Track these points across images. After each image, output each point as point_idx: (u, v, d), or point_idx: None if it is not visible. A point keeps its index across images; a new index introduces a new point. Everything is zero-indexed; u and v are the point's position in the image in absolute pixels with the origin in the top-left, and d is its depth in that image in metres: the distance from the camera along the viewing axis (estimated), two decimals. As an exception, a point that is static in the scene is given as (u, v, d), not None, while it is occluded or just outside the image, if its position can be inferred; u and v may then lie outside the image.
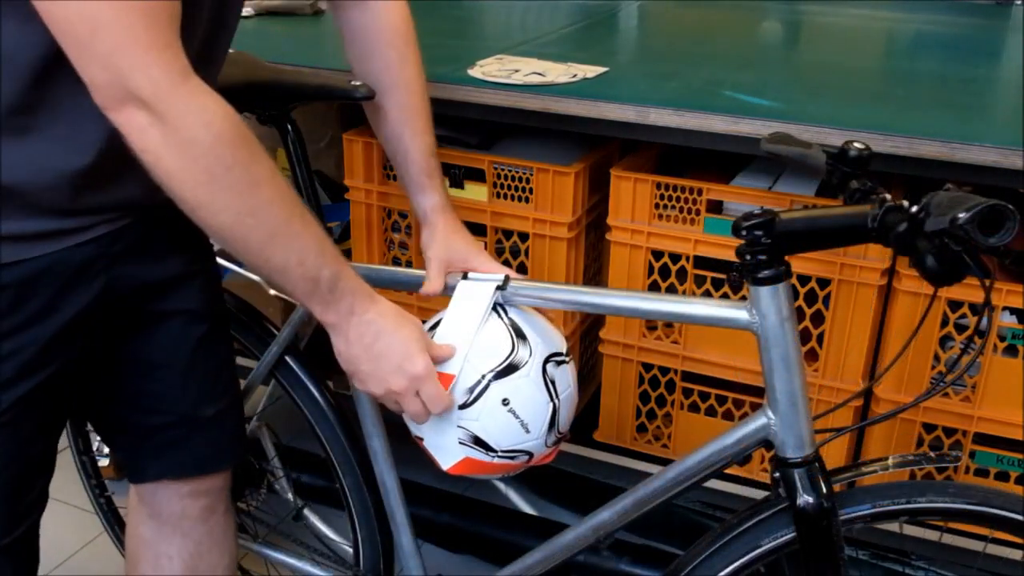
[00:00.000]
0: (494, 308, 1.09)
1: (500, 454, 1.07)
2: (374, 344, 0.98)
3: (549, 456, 1.13)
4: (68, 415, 1.14)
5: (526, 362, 1.06)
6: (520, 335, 1.07)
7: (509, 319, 1.09)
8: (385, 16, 1.16)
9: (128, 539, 1.31)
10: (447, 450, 1.08)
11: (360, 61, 1.17)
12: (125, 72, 0.77)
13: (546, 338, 1.10)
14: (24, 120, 0.85)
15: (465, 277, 1.13)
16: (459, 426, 1.05)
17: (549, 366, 1.08)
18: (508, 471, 1.10)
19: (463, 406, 1.04)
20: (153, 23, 0.77)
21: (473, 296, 1.09)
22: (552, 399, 1.07)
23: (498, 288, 1.09)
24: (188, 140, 0.80)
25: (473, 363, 1.04)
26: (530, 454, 1.09)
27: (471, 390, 1.04)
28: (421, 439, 1.11)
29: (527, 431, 1.06)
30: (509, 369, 1.05)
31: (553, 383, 1.07)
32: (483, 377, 1.04)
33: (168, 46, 0.79)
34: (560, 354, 1.10)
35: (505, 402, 1.04)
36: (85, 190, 0.91)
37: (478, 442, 1.06)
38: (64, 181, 0.87)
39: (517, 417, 1.05)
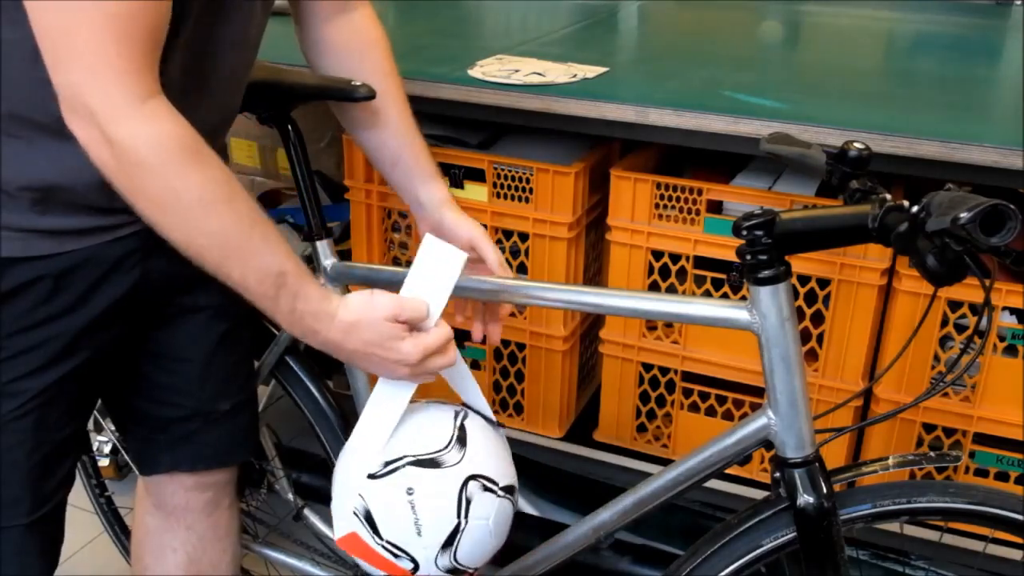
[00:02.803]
0: (455, 413, 1.07)
1: (384, 543, 1.02)
2: (356, 351, 0.97)
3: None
4: (96, 401, 1.16)
5: (452, 465, 1.01)
6: (461, 441, 1.04)
7: (460, 423, 1.06)
8: (368, 26, 1.18)
9: (134, 529, 1.32)
10: (341, 517, 1.04)
11: (347, 71, 1.18)
12: (85, 89, 0.79)
13: (491, 462, 1.05)
14: None
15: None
16: (359, 495, 1.01)
17: (473, 484, 1.02)
18: (389, 571, 1.04)
19: (372, 476, 1.01)
20: (126, 45, 0.78)
21: (442, 258, 1.02)
22: (459, 517, 1.01)
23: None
24: (135, 164, 0.81)
25: (401, 439, 1.02)
26: (415, 563, 1.02)
27: (387, 463, 1.00)
28: (329, 499, 1.08)
29: (419, 534, 1.01)
30: (431, 463, 1.01)
31: (468, 503, 1.01)
32: (403, 457, 1.01)
33: (135, 70, 0.80)
34: (495, 484, 1.04)
35: (409, 491, 1.00)
36: None
37: (368, 519, 1.01)
38: (103, 181, 0.88)
39: (414, 512, 1.00)
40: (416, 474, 1.00)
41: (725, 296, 1.44)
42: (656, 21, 2.19)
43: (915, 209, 0.83)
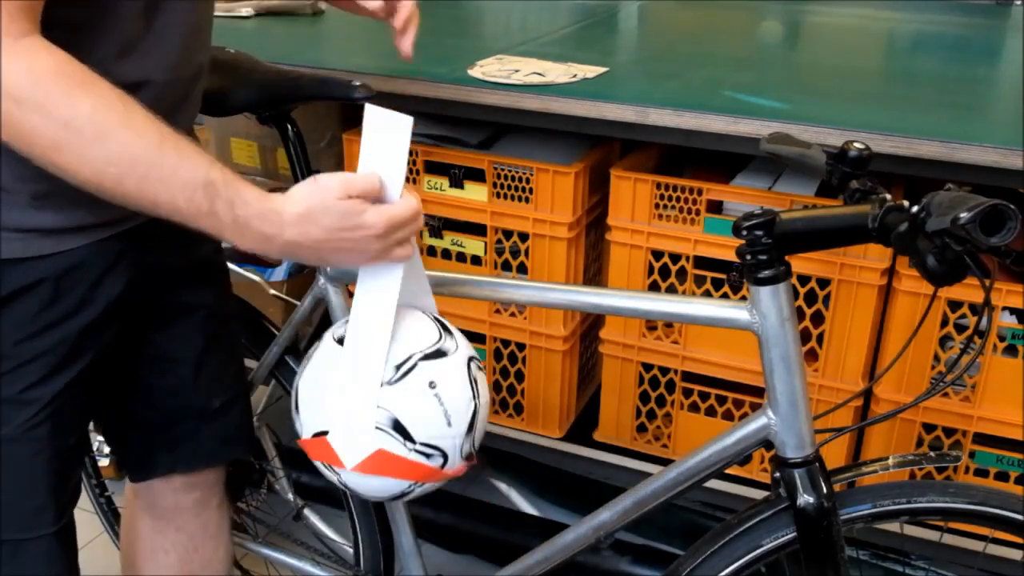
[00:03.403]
0: (421, 311, 1.06)
1: (418, 446, 0.99)
2: (321, 241, 0.90)
3: (459, 470, 1.04)
4: (99, 405, 1.15)
5: (454, 351, 1.02)
6: (446, 329, 1.05)
7: (433, 316, 1.07)
8: None
9: (124, 534, 1.33)
10: (358, 441, 0.99)
11: None
12: None
13: (466, 342, 1.06)
14: None
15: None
16: (380, 407, 0.97)
17: (473, 365, 1.04)
18: (416, 477, 1.02)
19: (389, 383, 0.97)
20: None
21: (388, 128, 0.95)
22: (475, 398, 1.02)
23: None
24: (17, 102, 0.76)
25: (400, 341, 0.99)
26: (445, 456, 1.01)
27: (398, 367, 0.97)
28: (324, 434, 1.01)
29: (449, 424, 1.00)
30: (438, 354, 1.00)
31: (476, 383, 1.03)
32: (411, 356, 0.98)
33: (7, 11, 0.75)
34: (478, 360, 1.06)
35: (432, 385, 0.98)
36: None
37: (398, 428, 0.98)
38: None
39: (442, 405, 0.99)
40: (431, 367, 0.99)
41: (725, 296, 1.44)
42: (656, 21, 2.19)
43: (915, 209, 0.83)
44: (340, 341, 1.02)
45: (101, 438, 2.00)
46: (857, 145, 0.96)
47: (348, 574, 1.51)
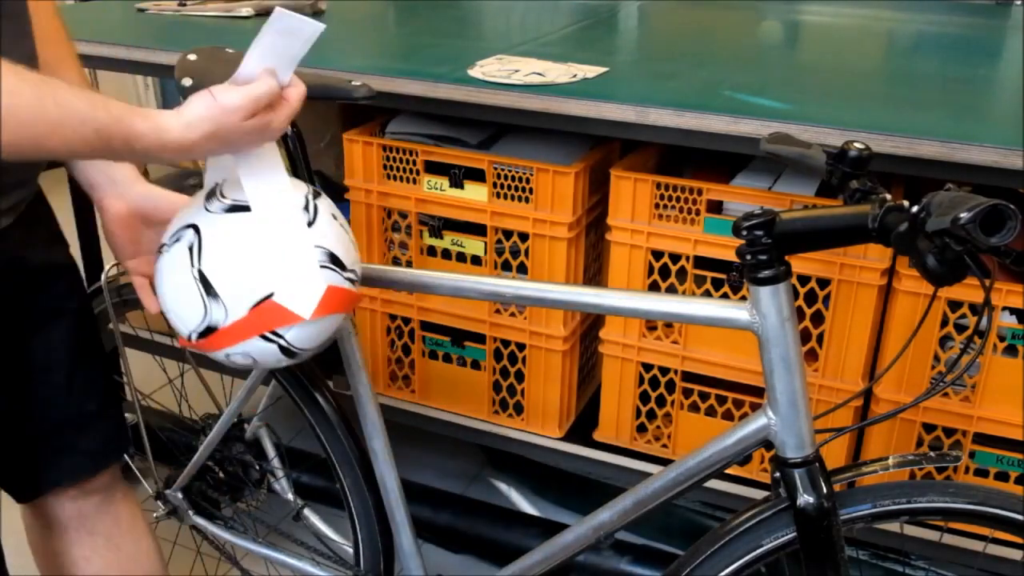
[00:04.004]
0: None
1: (347, 273, 1.03)
2: (221, 150, 0.92)
3: (359, 296, 1.09)
4: None
5: (320, 194, 1.06)
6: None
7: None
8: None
9: (38, 559, 1.28)
10: (308, 285, 0.99)
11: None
12: None
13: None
14: None
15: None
16: (316, 246, 1.00)
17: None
18: (351, 307, 1.07)
19: (310, 224, 1.00)
20: None
21: (295, 31, 0.92)
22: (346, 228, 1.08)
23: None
24: None
25: (293, 189, 1.01)
26: (357, 280, 1.06)
27: (307, 208, 1.00)
28: (267, 298, 0.98)
29: (354, 246, 1.06)
30: (316, 194, 1.05)
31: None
32: (307, 197, 1.02)
33: None
34: None
35: (334, 216, 1.04)
36: None
37: (334, 260, 1.01)
38: None
39: (347, 231, 1.05)
40: (322, 202, 1.04)
41: (725, 296, 1.44)
42: (656, 21, 2.19)
43: (915, 209, 0.83)
44: (235, 209, 0.99)
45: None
46: (857, 145, 0.96)
47: (348, 574, 1.51)
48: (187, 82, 1.15)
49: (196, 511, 1.57)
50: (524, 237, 1.53)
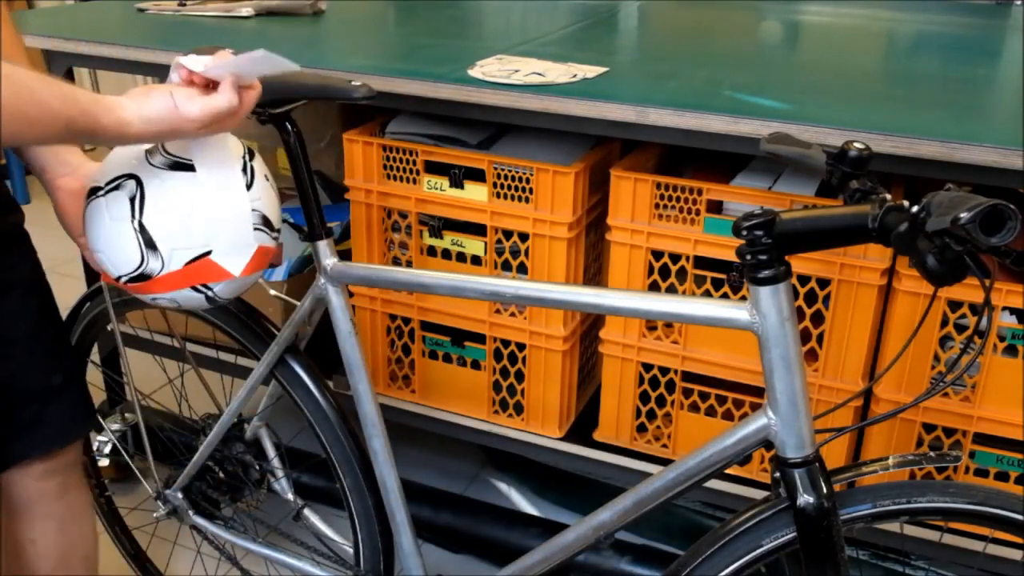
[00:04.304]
0: None
1: (274, 232, 1.12)
2: (160, 136, 0.97)
3: (279, 250, 1.19)
4: None
5: (254, 154, 1.13)
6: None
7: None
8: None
9: None
10: (243, 246, 1.08)
11: None
12: None
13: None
14: None
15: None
16: (252, 209, 1.08)
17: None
18: (273, 261, 1.16)
19: (247, 187, 1.08)
20: None
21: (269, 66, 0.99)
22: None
23: None
24: None
25: (233, 142, 1.09)
26: (279, 237, 1.15)
27: (245, 171, 1.08)
28: (206, 254, 1.06)
29: (280, 206, 1.14)
30: (251, 154, 1.12)
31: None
32: (244, 159, 1.09)
33: None
34: None
35: (267, 177, 1.11)
36: None
37: (266, 222, 1.11)
38: None
39: (275, 191, 1.12)
40: (256, 164, 1.11)
41: (725, 296, 1.44)
42: (656, 21, 2.19)
43: (915, 209, 0.83)
44: (178, 167, 1.04)
45: (102, 438, 2.00)
46: (857, 145, 0.96)
47: (348, 574, 1.51)
48: (187, 82, 1.16)
49: (196, 511, 1.57)
50: (524, 237, 1.53)
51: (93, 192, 1.07)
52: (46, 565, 1.29)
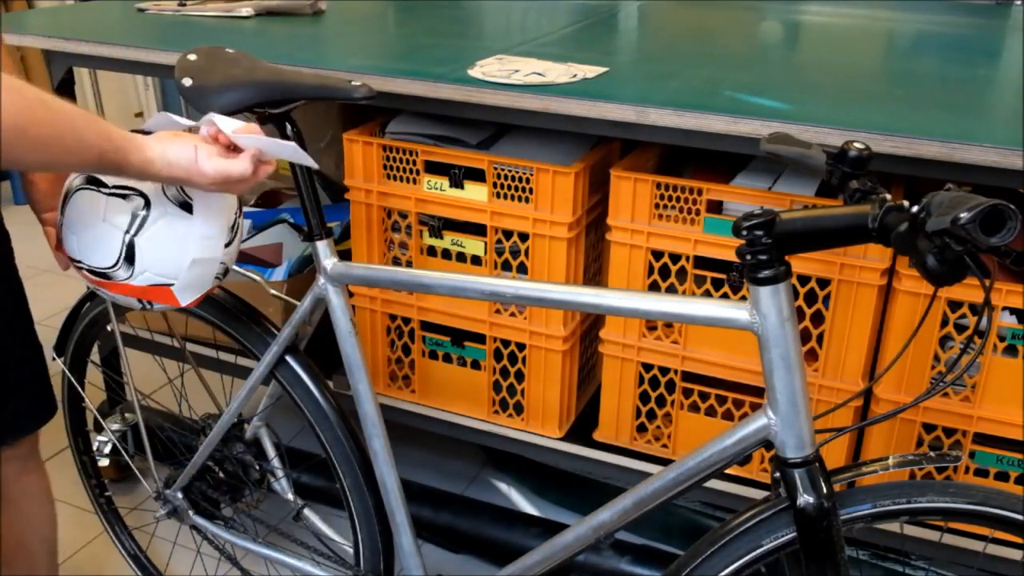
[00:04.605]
0: None
1: (224, 278, 1.23)
2: (175, 180, 1.04)
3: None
4: None
5: (242, 212, 1.22)
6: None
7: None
8: None
9: None
10: (200, 288, 1.19)
11: None
12: None
13: None
14: None
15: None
16: (221, 262, 1.19)
17: None
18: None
19: (227, 245, 1.17)
20: None
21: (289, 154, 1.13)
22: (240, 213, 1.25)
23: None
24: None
25: (230, 204, 1.18)
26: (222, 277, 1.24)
27: (232, 228, 1.18)
28: (168, 285, 1.15)
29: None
30: (241, 211, 1.22)
31: None
32: (236, 219, 1.19)
33: None
34: None
35: (244, 231, 1.21)
36: None
37: (225, 272, 1.21)
38: None
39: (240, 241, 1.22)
40: (244, 222, 1.19)
41: (725, 296, 1.44)
42: (656, 21, 2.19)
43: (915, 209, 0.83)
44: (184, 207, 1.13)
45: (102, 438, 2.00)
46: (857, 145, 0.96)
47: (348, 574, 1.51)
48: (187, 82, 1.16)
49: (196, 511, 1.57)
50: (524, 237, 1.53)
51: (93, 182, 1.11)
52: (4, 547, 1.34)
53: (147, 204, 1.11)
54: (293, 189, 1.29)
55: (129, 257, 1.12)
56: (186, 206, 1.12)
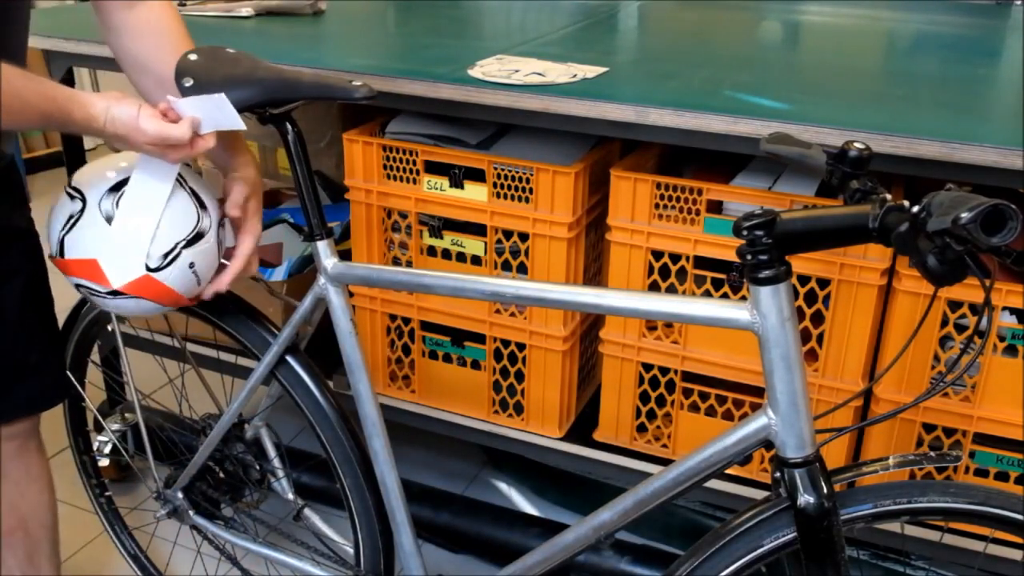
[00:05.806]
0: (177, 179, 1.19)
1: (163, 274, 1.20)
2: (116, 137, 1.08)
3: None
4: None
5: (208, 230, 1.20)
6: (202, 205, 1.20)
7: (190, 188, 1.20)
8: (164, 15, 1.26)
9: None
10: (127, 268, 1.18)
11: (144, 54, 1.25)
12: None
13: (213, 199, 1.23)
14: None
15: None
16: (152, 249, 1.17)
17: (222, 229, 1.24)
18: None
19: (155, 270, 1.17)
20: None
21: (159, 167, 1.16)
22: (220, 259, 1.25)
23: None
24: None
25: (167, 228, 1.17)
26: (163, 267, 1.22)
27: (165, 256, 1.17)
28: (93, 258, 1.17)
29: (199, 284, 1.22)
30: (197, 237, 1.19)
31: (222, 243, 1.24)
32: (176, 245, 1.17)
33: None
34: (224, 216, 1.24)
35: (191, 266, 1.19)
36: None
37: (161, 261, 1.19)
38: None
39: (196, 276, 1.21)
40: (191, 252, 1.19)
41: (725, 296, 1.44)
42: (656, 21, 2.19)
43: (915, 209, 0.83)
44: (108, 220, 1.15)
45: (102, 438, 2.00)
46: (857, 145, 0.96)
47: (348, 574, 1.51)
48: (188, 82, 1.16)
49: (196, 511, 1.57)
50: (524, 237, 1.53)
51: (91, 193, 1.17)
52: (5, 525, 1.36)
53: (83, 208, 1.17)
54: (293, 189, 1.29)
55: (62, 251, 1.19)
56: (109, 219, 1.16)
